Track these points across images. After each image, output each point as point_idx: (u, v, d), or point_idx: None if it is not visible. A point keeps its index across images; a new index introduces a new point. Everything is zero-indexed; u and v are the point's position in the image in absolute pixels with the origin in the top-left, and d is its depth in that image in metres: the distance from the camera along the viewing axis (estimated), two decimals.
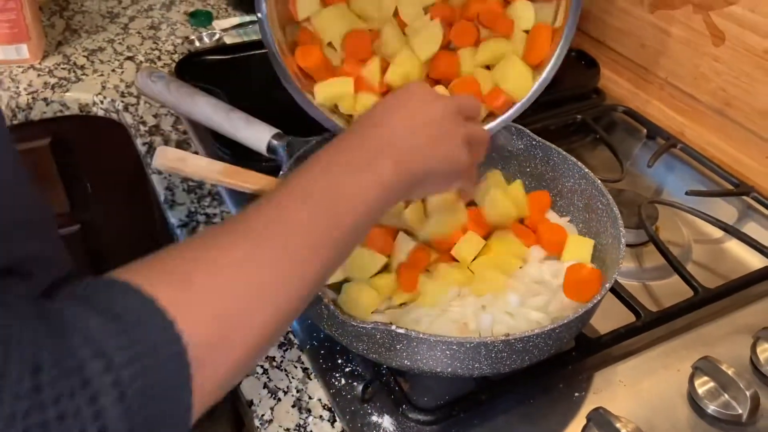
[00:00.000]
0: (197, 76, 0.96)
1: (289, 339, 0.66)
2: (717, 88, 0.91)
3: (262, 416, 0.59)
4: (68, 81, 1.05)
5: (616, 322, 0.67)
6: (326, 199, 0.42)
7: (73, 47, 1.14)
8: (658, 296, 0.75)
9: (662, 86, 1.00)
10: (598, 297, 0.57)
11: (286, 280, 0.38)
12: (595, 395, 0.62)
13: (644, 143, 0.98)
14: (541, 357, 0.58)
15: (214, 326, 0.34)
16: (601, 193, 0.69)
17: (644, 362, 0.66)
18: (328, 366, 0.64)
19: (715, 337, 0.68)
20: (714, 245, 0.83)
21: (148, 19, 1.24)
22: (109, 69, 1.09)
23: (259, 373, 0.63)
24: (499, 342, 0.53)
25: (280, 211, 0.40)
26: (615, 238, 0.65)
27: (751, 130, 0.88)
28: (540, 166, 0.76)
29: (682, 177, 0.92)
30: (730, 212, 0.87)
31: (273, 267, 0.38)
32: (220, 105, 0.77)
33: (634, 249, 0.80)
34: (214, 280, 0.35)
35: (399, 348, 0.55)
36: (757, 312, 0.71)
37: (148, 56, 1.13)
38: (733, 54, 0.88)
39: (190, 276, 0.34)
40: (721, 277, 0.76)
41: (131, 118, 0.99)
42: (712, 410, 0.60)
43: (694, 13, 0.91)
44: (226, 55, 1.08)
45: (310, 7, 0.71)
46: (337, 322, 0.57)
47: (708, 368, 0.62)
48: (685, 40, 0.94)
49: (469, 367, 0.55)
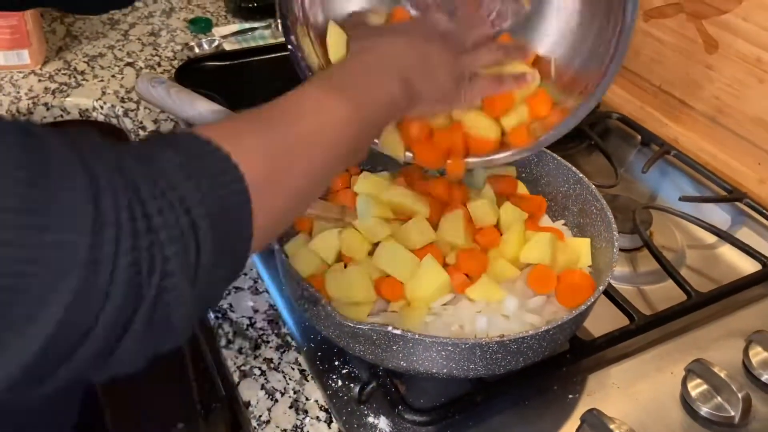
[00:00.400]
0: (197, 82, 0.97)
1: (287, 341, 0.67)
2: (710, 96, 0.93)
3: (259, 417, 0.60)
4: (69, 86, 1.06)
5: (611, 325, 0.68)
6: (354, 91, 0.50)
7: (73, 53, 1.15)
8: (652, 300, 0.76)
9: (656, 93, 1.01)
10: (591, 299, 0.58)
11: (318, 142, 0.45)
12: (589, 397, 0.63)
13: (639, 150, 0.99)
14: (535, 358, 0.59)
15: (261, 165, 0.40)
16: (595, 198, 0.70)
17: (638, 365, 0.66)
18: (325, 368, 0.64)
19: (708, 341, 0.69)
20: (707, 250, 0.84)
21: (149, 25, 1.26)
22: (110, 74, 1.10)
23: (256, 375, 0.64)
24: (494, 343, 0.54)
25: (316, 99, 0.47)
26: (609, 243, 0.66)
27: (743, 137, 0.90)
28: (535, 171, 0.77)
29: (676, 183, 0.93)
30: (723, 218, 0.88)
31: (309, 131, 0.45)
32: (220, 110, 0.77)
33: (628, 253, 0.81)
34: (261, 135, 0.42)
35: (395, 349, 0.55)
36: (750, 316, 0.72)
37: (148, 62, 1.14)
38: (726, 62, 0.89)
39: (241, 133, 0.41)
40: (714, 282, 0.77)
41: (131, 123, 1.00)
42: (704, 412, 0.61)
43: (687, 22, 0.93)
44: (225, 61, 1.10)
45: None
46: (334, 323, 0.58)
47: (701, 371, 0.62)
48: (678, 49, 0.95)
49: (465, 368, 0.56)
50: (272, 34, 1.24)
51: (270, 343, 0.67)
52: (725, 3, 0.87)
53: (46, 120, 1.04)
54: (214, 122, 0.48)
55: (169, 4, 1.34)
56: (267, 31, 1.24)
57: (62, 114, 1.05)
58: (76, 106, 1.04)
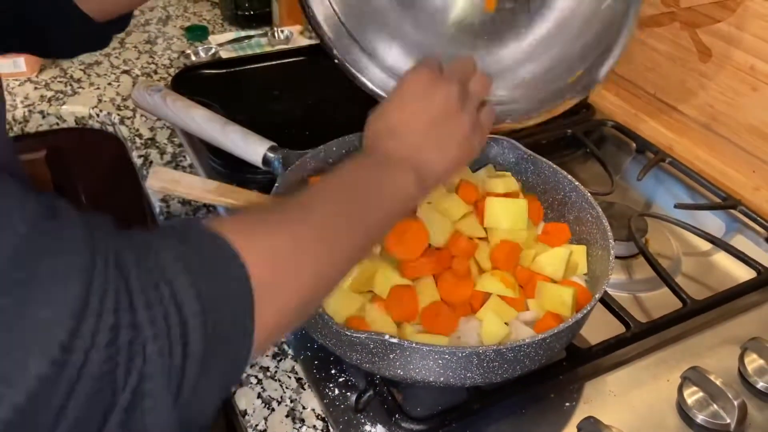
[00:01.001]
0: (193, 90, 0.97)
1: (283, 349, 0.67)
2: (704, 104, 0.93)
3: (255, 426, 0.60)
4: (64, 94, 1.06)
5: (607, 333, 0.68)
6: (362, 193, 0.49)
7: (69, 61, 1.15)
8: (648, 308, 0.76)
9: (651, 101, 1.02)
10: (587, 308, 0.58)
11: (326, 247, 0.44)
12: (586, 405, 0.63)
13: (634, 157, 1.00)
14: (532, 367, 0.59)
15: (269, 268, 0.38)
16: (590, 206, 0.70)
17: (634, 372, 0.66)
18: (322, 376, 0.64)
19: (704, 348, 0.69)
20: (702, 258, 0.84)
21: (145, 33, 1.26)
22: (106, 82, 1.10)
23: (253, 384, 0.64)
24: (491, 351, 0.54)
25: (324, 197, 0.47)
26: (605, 250, 0.66)
27: (737, 145, 0.90)
28: (531, 179, 0.78)
29: (671, 190, 0.94)
30: (718, 225, 0.88)
31: (317, 236, 0.43)
32: (216, 118, 0.78)
33: (624, 261, 0.81)
34: (272, 236, 0.40)
35: (392, 357, 0.55)
36: (745, 323, 0.72)
37: (144, 70, 1.14)
38: (720, 70, 0.90)
39: (254, 229, 0.40)
40: (710, 289, 0.77)
41: (127, 131, 1.00)
42: (700, 420, 0.61)
43: (681, 30, 0.94)
44: (221, 69, 1.10)
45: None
46: (331, 332, 0.58)
47: (697, 378, 0.62)
48: (672, 57, 0.96)
49: (461, 376, 0.56)
50: (268, 42, 1.25)
51: (266, 351, 0.67)
52: (719, 12, 0.88)
53: (42, 128, 1.04)
54: (230, 216, 0.47)
55: (165, 12, 1.35)
56: (263, 39, 1.25)
57: (58, 122, 1.05)
58: (72, 114, 1.04)
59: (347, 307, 0.62)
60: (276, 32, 1.26)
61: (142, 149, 0.96)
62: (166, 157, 0.94)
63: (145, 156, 0.95)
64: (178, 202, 0.86)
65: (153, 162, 0.93)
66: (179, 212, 0.84)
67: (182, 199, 0.86)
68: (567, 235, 0.72)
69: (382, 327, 0.61)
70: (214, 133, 0.76)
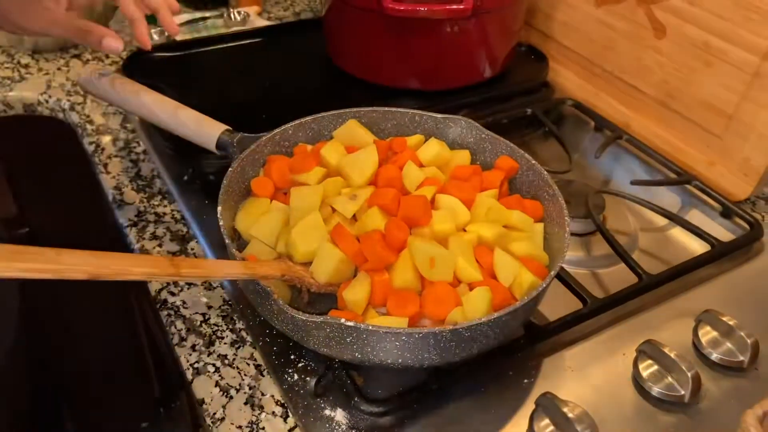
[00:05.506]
0: (146, 74, 0.94)
1: (242, 337, 0.66)
2: (660, 80, 0.94)
3: (213, 414, 0.59)
4: (12, 80, 1.02)
5: (565, 310, 0.68)
6: None
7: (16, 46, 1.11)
8: (606, 283, 0.77)
9: (609, 79, 1.03)
10: (543, 285, 0.58)
11: None
12: (544, 381, 0.63)
13: (592, 135, 1.00)
14: (489, 345, 0.59)
15: None
16: (547, 184, 0.70)
17: (591, 347, 0.67)
18: (281, 362, 0.64)
19: (659, 322, 0.70)
20: (659, 233, 0.86)
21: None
22: (55, 67, 1.06)
23: (210, 372, 0.63)
24: (447, 331, 0.54)
25: None
26: (561, 228, 0.66)
27: (692, 121, 0.91)
28: (489, 159, 0.77)
29: (629, 167, 0.95)
30: (674, 200, 0.90)
31: None
32: (167, 102, 0.75)
33: (582, 238, 0.82)
34: None
35: (349, 341, 0.55)
36: (699, 296, 0.74)
37: (95, 54, 1.11)
38: (675, 46, 0.90)
39: None
40: (666, 264, 0.78)
41: (78, 117, 0.97)
42: (656, 392, 0.62)
43: (637, 7, 0.94)
44: (175, 52, 1.07)
45: None
46: (287, 318, 0.57)
47: (651, 351, 0.63)
48: (629, 34, 0.97)
49: (419, 357, 0.56)
50: (224, 24, 1.22)
51: (224, 339, 0.66)
52: None
53: None
54: None
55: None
56: (219, 21, 1.22)
57: (5, 109, 1.01)
58: (20, 100, 1.01)
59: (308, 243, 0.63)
60: (232, 13, 1.23)
61: (93, 136, 0.93)
62: (119, 144, 0.92)
63: (96, 142, 0.92)
64: (132, 189, 0.84)
65: (105, 149, 0.91)
66: (133, 199, 0.82)
67: (136, 186, 0.84)
68: (540, 213, 0.71)
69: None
70: (164, 117, 0.74)
